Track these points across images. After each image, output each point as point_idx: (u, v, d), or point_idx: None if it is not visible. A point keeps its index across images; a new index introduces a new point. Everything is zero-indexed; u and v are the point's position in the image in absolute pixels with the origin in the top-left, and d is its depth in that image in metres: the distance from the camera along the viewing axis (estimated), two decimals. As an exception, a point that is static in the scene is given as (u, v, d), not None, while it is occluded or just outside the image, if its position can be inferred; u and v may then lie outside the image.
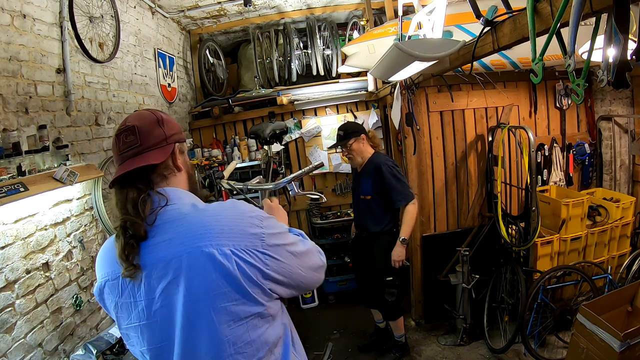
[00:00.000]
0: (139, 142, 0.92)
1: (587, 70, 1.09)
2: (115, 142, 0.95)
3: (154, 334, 0.89)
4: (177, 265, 0.84)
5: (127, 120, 0.96)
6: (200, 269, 0.83)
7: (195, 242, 0.84)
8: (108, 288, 0.93)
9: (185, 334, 0.85)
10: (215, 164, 3.41)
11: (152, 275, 0.86)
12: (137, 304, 0.89)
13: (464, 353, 3.02)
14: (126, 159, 0.92)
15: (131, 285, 0.89)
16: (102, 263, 0.96)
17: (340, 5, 4.18)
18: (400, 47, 1.76)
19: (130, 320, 0.91)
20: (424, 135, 3.29)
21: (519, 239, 2.98)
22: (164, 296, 0.86)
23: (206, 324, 0.84)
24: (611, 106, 3.43)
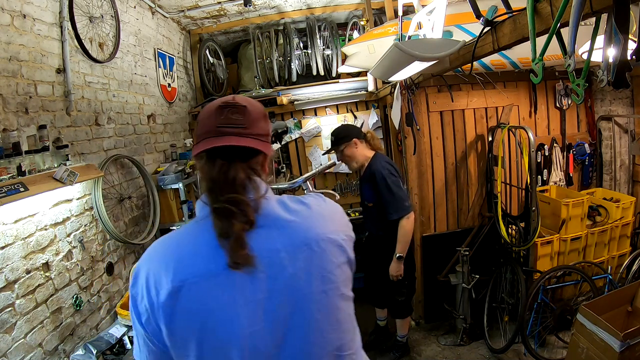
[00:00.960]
0: (245, 125, 0.82)
1: (587, 70, 1.09)
2: (215, 113, 0.82)
3: (266, 339, 0.75)
4: (304, 252, 0.78)
5: (234, 98, 0.85)
6: (320, 258, 0.79)
7: (321, 228, 0.81)
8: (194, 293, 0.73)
9: (313, 329, 0.77)
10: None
11: (263, 269, 0.75)
12: (247, 306, 0.74)
13: (464, 353, 3.02)
14: (226, 134, 0.80)
15: (234, 285, 0.74)
16: (179, 259, 0.76)
17: (340, 5, 4.18)
18: (400, 47, 1.76)
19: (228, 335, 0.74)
20: (424, 135, 3.29)
21: (519, 239, 2.98)
22: (284, 290, 0.76)
23: (333, 313, 0.80)
24: (611, 106, 3.43)
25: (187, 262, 0.76)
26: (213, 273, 0.74)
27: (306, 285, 0.77)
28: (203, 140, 0.81)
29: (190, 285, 0.73)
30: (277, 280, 0.76)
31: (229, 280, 0.74)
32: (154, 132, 3.23)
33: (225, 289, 0.74)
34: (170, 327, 0.74)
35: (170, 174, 2.88)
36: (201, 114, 0.86)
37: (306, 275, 0.77)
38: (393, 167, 2.60)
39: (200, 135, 0.82)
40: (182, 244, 0.80)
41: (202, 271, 0.74)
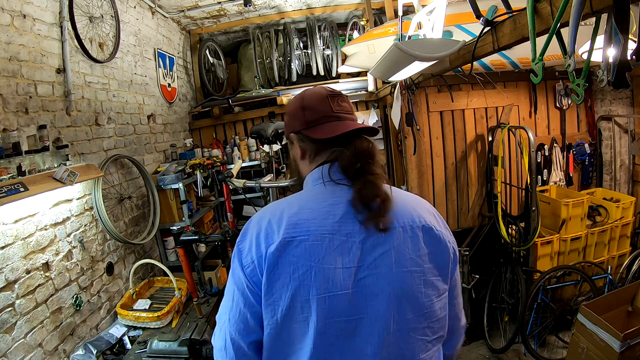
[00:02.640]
0: (351, 112, 0.96)
1: (587, 70, 1.09)
2: (327, 100, 0.93)
3: (351, 305, 0.80)
4: (399, 235, 0.83)
5: (328, 87, 0.97)
6: (420, 241, 0.85)
7: (417, 216, 0.87)
8: (303, 248, 0.79)
9: (392, 305, 0.82)
10: (218, 164, 3.42)
11: (370, 240, 0.82)
12: (342, 271, 0.80)
13: (464, 353, 3.02)
14: (344, 119, 0.92)
15: (339, 250, 0.80)
16: (296, 218, 0.82)
17: (340, 5, 4.18)
18: (400, 47, 1.75)
19: (324, 289, 0.78)
20: (424, 135, 3.29)
21: (519, 239, 2.98)
22: (376, 264, 0.81)
23: (415, 295, 0.84)
24: (611, 106, 3.43)
25: (299, 219, 0.82)
26: (321, 233, 0.81)
27: (395, 263, 0.82)
28: (326, 123, 0.91)
29: (300, 241, 0.80)
30: (373, 254, 0.82)
31: (336, 243, 0.80)
32: (154, 132, 3.23)
33: (330, 251, 0.80)
34: (270, 277, 0.80)
35: (170, 174, 2.88)
36: (307, 100, 0.95)
37: (396, 254, 0.83)
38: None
39: (318, 119, 0.92)
40: (299, 204, 0.87)
41: (312, 229, 0.81)
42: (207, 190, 3.30)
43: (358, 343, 0.81)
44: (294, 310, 0.80)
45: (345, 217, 0.83)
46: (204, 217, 3.43)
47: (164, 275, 2.60)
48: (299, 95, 0.99)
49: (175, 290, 2.38)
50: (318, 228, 0.81)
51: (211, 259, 3.44)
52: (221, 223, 3.91)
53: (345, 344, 0.81)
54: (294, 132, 0.96)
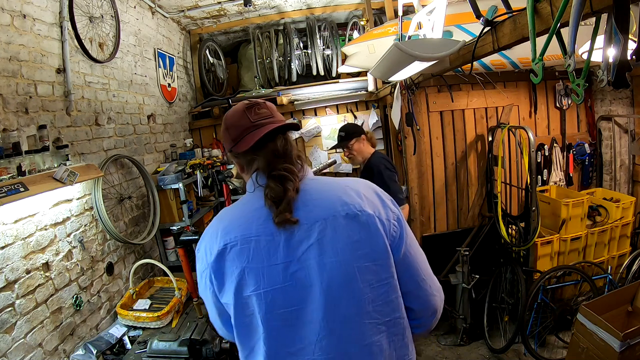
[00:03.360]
0: (271, 115, 1.00)
1: (587, 70, 1.09)
2: (245, 114, 0.99)
3: (287, 297, 0.88)
4: (323, 227, 0.88)
5: (248, 100, 1.04)
6: (346, 230, 0.89)
7: (341, 205, 0.91)
8: (234, 253, 0.89)
9: (327, 294, 0.87)
10: (218, 164, 3.42)
11: (295, 235, 0.88)
12: (272, 268, 0.87)
13: (464, 353, 3.02)
14: (262, 126, 0.97)
15: (266, 249, 0.88)
16: (227, 227, 0.92)
17: (340, 5, 4.18)
18: (400, 47, 1.75)
19: (258, 286, 0.87)
20: (424, 135, 3.29)
21: (519, 239, 2.99)
22: (304, 257, 0.88)
23: (349, 283, 0.88)
24: (611, 106, 3.43)
25: (229, 228, 0.92)
26: (247, 237, 0.89)
27: (322, 255, 0.88)
28: (246, 136, 0.96)
29: (231, 247, 0.89)
30: (300, 248, 0.88)
31: (258, 246, 0.88)
32: (154, 132, 3.23)
33: (257, 253, 0.88)
34: (217, 281, 0.91)
35: (170, 174, 2.88)
36: (228, 120, 1.01)
37: (322, 246, 0.88)
38: (389, 162, 2.73)
39: (240, 134, 0.98)
40: (231, 214, 0.96)
41: (239, 235, 0.89)
42: (207, 190, 3.30)
43: (304, 332, 0.88)
44: (240, 308, 0.90)
45: (268, 218, 0.90)
46: (204, 217, 3.43)
47: (164, 275, 2.60)
48: (224, 116, 1.05)
49: (175, 290, 2.38)
50: (244, 232, 0.89)
51: (211, 259, 3.44)
52: (221, 223, 3.90)
53: (292, 333, 0.89)
54: (229, 151, 1.03)
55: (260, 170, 0.96)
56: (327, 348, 0.89)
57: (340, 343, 0.89)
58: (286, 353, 0.89)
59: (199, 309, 2.30)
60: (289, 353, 0.89)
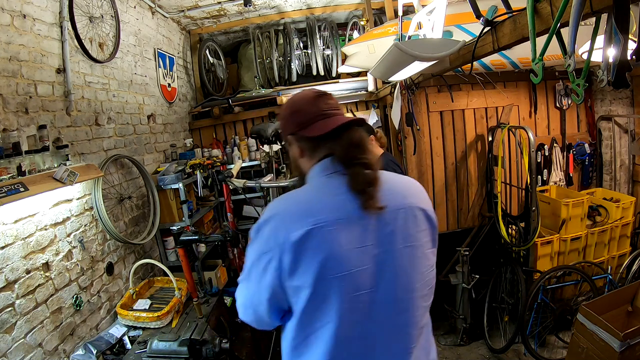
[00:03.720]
0: (338, 107, 1.04)
1: (587, 70, 1.09)
2: (316, 101, 1.02)
3: (366, 280, 0.91)
4: (402, 214, 0.96)
5: (314, 89, 1.07)
6: (417, 219, 0.98)
7: (412, 198, 1.00)
8: (323, 234, 0.88)
9: (400, 278, 0.94)
10: (218, 164, 3.42)
11: (379, 220, 0.92)
12: (357, 251, 0.90)
13: (464, 353, 3.02)
14: (332, 116, 1.00)
15: (353, 232, 0.90)
16: (312, 208, 0.92)
17: (340, 5, 4.18)
18: (400, 47, 1.75)
19: (342, 268, 0.88)
20: (424, 135, 3.29)
21: (519, 239, 2.99)
22: (385, 242, 0.93)
23: (417, 267, 0.97)
24: (611, 106, 3.43)
25: (315, 210, 0.91)
26: (337, 219, 0.90)
27: (400, 241, 0.94)
28: (317, 122, 0.99)
29: (320, 228, 0.88)
30: (381, 233, 0.93)
31: (350, 227, 0.90)
32: (154, 132, 3.23)
33: (346, 234, 0.90)
34: (293, 263, 0.88)
35: (170, 174, 2.88)
36: (296, 104, 1.04)
37: (401, 232, 0.95)
38: (397, 165, 2.69)
39: (309, 120, 1.00)
40: (311, 197, 0.97)
41: (329, 217, 0.90)
42: (207, 190, 3.30)
43: (376, 315, 0.92)
44: (317, 290, 0.89)
45: (352, 203, 0.92)
46: (204, 217, 3.43)
47: (164, 275, 2.60)
48: (289, 100, 1.08)
49: (175, 290, 2.38)
50: (333, 214, 0.90)
51: (211, 259, 3.44)
52: (221, 223, 3.90)
53: (364, 317, 0.91)
54: (290, 134, 1.05)
55: (336, 157, 0.98)
56: (395, 330, 0.94)
57: (405, 325, 0.96)
58: (357, 337, 0.92)
59: (199, 309, 2.30)
60: (360, 337, 0.92)
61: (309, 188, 1.00)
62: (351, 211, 0.91)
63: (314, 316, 0.91)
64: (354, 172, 0.94)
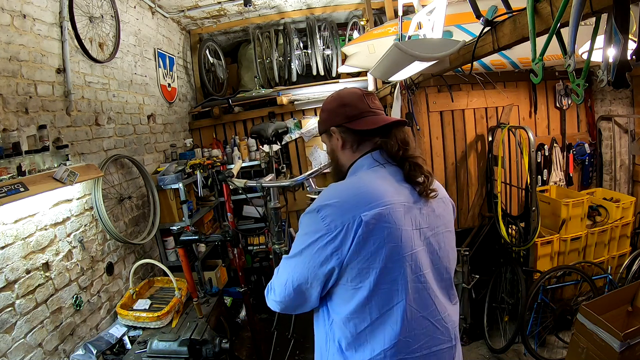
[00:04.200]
0: (382, 107, 1.13)
1: (587, 70, 1.09)
2: (364, 98, 1.09)
3: (425, 260, 1.00)
4: (441, 203, 1.08)
5: (359, 88, 1.15)
6: (449, 208, 1.11)
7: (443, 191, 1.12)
8: (393, 215, 0.94)
9: (444, 258, 1.05)
10: (218, 164, 3.42)
11: (430, 206, 1.04)
12: (418, 232, 0.99)
13: (464, 353, 2.98)
14: (379, 114, 1.10)
15: (413, 215, 0.99)
16: (378, 192, 0.96)
17: (340, 5, 4.18)
18: (400, 47, 1.75)
19: (408, 249, 0.95)
20: (424, 135, 3.29)
21: (519, 239, 2.98)
22: (434, 224, 1.04)
23: (453, 249, 1.10)
24: (611, 106, 3.43)
25: (381, 193, 0.96)
26: (402, 202, 0.98)
27: (443, 225, 1.06)
28: (366, 117, 1.08)
29: (390, 210, 0.94)
30: (431, 217, 1.03)
31: (411, 210, 0.99)
32: (154, 132, 3.23)
33: (407, 216, 0.97)
34: (363, 242, 0.92)
35: (170, 174, 2.88)
36: (346, 99, 1.10)
37: (442, 218, 1.07)
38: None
39: (358, 114, 1.08)
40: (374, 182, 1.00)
41: (395, 200, 0.96)
42: (207, 190, 3.30)
43: (431, 294, 1.00)
44: (387, 270, 0.93)
45: (409, 190, 1.01)
46: (204, 217, 3.43)
47: (164, 275, 2.60)
48: (336, 94, 1.14)
49: (175, 290, 2.38)
50: (396, 198, 0.97)
51: (211, 259, 3.44)
52: (221, 223, 3.90)
53: (425, 296, 0.99)
54: (336, 126, 1.10)
55: (387, 151, 1.05)
56: (441, 308, 1.02)
57: (448, 303, 1.05)
58: (421, 317, 0.97)
59: (199, 309, 2.30)
60: (423, 317, 0.98)
61: (363, 176, 1.04)
62: (410, 197, 1.00)
63: (384, 298, 0.94)
64: (410, 165, 1.03)
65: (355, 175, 1.06)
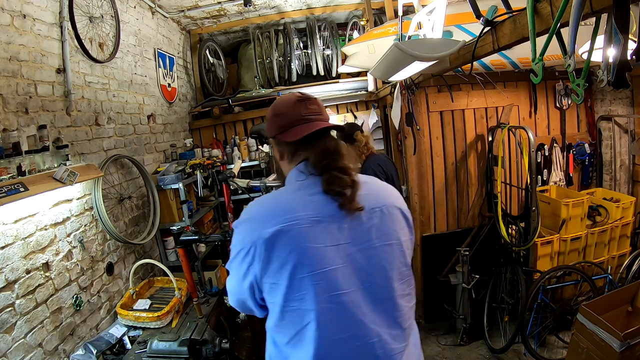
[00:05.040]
0: (320, 112, 1.05)
1: (587, 70, 1.09)
2: (296, 105, 1.03)
3: (342, 279, 0.91)
4: (378, 214, 0.98)
5: (300, 92, 1.08)
6: (394, 218, 1.00)
7: (387, 199, 1.02)
8: (294, 233, 0.89)
9: (379, 276, 0.95)
10: (218, 164, 3.42)
11: (355, 219, 0.95)
12: (331, 249, 0.91)
13: (464, 353, 3.02)
14: (311, 121, 1.02)
15: (327, 230, 0.91)
16: (287, 207, 0.94)
17: (340, 5, 4.18)
18: (400, 47, 1.75)
19: (316, 267, 0.89)
20: (424, 135, 3.29)
21: (519, 239, 2.98)
22: (361, 240, 0.95)
23: (396, 265, 0.98)
24: (611, 106, 3.43)
25: (289, 208, 0.93)
26: (310, 217, 0.91)
27: (376, 238, 0.96)
28: (295, 127, 1.01)
29: (292, 226, 0.90)
30: (356, 231, 0.94)
31: (324, 225, 0.92)
32: (154, 132, 3.23)
33: (318, 232, 0.91)
34: (267, 260, 0.91)
35: (170, 174, 2.88)
36: (279, 108, 1.06)
37: (377, 231, 0.96)
38: (381, 168, 2.69)
39: (289, 124, 1.03)
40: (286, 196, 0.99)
41: (302, 215, 0.91)
42: (207, 190, 3.30)
43: (356, 314, 0.91)
44: (292, 290, 0.89)
45: (326, 203, 0.94)
46: (204, 217, 3.42)
47: (164, 275, 2.60)
48: (273, 102, 1.10)
49: (175, 290, 2.38)
50: (307, 213, 0.92)
51: (211, 259, 3.44)
52: (221, 223, 3.90)
53: (344, 318, 0.91)
54: (272, 137, 1.08)
55: (310, 162, 1.00)
56: (373, 332, 0.93)
57: (389, 327, 0.95)
58: (338, 339, 0.90)
59: (199, 309, 2.30)
60: (341, 339, 0.91)
61: (285, 189, 1.03)
62: (326, 211, 0.93)
63: (296, 316, 0.91)
64: (329, 176, 0.95)
65: (280, 189, 1.06)
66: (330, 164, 0.97)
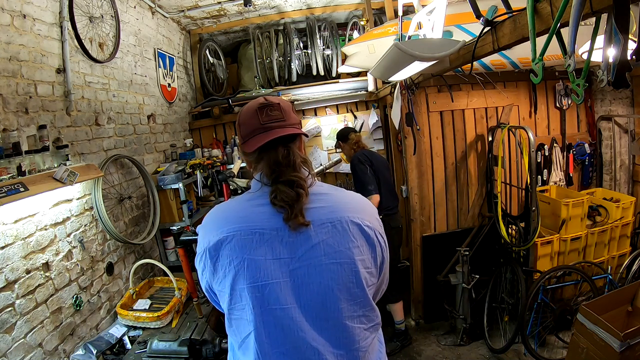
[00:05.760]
0: (283, 118, 1.00)
1: (587, 70, 1.09)
2: (256, 114, 0.99)
3: (283, 294, 0.89)
4: (329, 229, 0.92)
5: (265, 98, 1.03)
6: (349, 234, 0.93)
7: (343, 212, 0.95)
8: (236, 242, 0.90)
9: (325, 294, 0.90)
10: (218, 164, 3.42)
11: (301, 234, 0.91)
12: (272, 262, 0.89)
13: (464, 353, 3.02)
14: (270, 129, 0.98)
15: (269, 243, 0.90)
16: (230, 217, 0.94)
17: (340, 5, 4.18)
18: (400, 47, 1.76)
19: (256, 279, 0.88)
20: (424, 135, 3.29)
21: (519, 239, 2.98)
22: (307, 256, 0.90)
23: (345, 285, 0.91)
24: (611, 106, 3.43)
25: (232, 219, 0.94)
26: (251, 229, 0.91)
27: (324, 255, 0.91)
28: (254, 137, 0.98)
29: (232, 237, 0.90)
30: (302, 247, 0.90)
31: (267, 238, 0.90)
32: (154, 132, 3.23)
33: (261, 244, 0.90)
34: (213, 267, 0.93)
35: (170, 174, 2.88)
36: (242, 116, 1.03)
37: (325, 247, 0.91)
38: (366, 157, 2.96)
39: (249, 134, 1.00)
40: (233, 207, 0.99)
41: (243, 226, 0.91)
42: (207, 190, 3.30)
43: (295, 330, 0.89)
44: (235, 299, 0.91)
45: (273, 216, 0.92)
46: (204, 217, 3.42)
47: (164, 275, 2.60)
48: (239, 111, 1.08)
49: (175, 290, 2.38)
50: (248, 224, 0.92)
51: (211, 259, 3.43)
52: (221, 223, 3.89)
53: (284, 332, 0.89)
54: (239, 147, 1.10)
55: (264, 173, 0.99)
56: (319, 348, 0.89)
57: (326, 346, 0.90)
58: (277, 352, 0.89)
59: (199, 309, 2.30)
60: (280, 352, 0.89)
61: (238, 199, 1.03)
62: (272, 223, 0.91)
63: (240, 324, 0.92)
64: (275, 189, 0.93)
65: (234, 198, 1.08)
66: (279, 176, 0.95)
